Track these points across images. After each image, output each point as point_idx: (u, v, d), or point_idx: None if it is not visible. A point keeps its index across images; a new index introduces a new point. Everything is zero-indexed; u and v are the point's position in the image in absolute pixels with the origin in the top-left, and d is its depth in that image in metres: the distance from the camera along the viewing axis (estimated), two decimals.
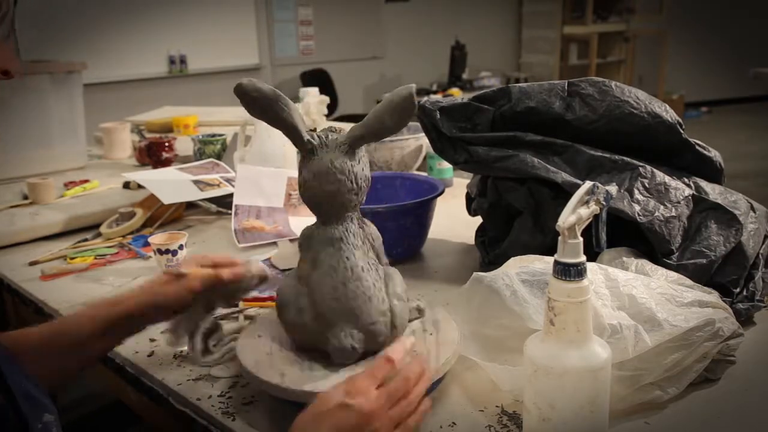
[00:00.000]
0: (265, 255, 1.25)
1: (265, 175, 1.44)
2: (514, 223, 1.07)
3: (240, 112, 2.54)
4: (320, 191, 0.75)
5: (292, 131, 0.75)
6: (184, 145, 1.96)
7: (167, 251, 1.17)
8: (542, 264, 0.84)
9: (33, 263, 1.27)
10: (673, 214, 0.92)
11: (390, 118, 0.74)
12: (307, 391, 0.70)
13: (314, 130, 0.77)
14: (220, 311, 0.95)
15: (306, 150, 0.76)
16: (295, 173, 1.21)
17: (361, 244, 0.78)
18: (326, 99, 2.22)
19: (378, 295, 0.76)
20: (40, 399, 0.63)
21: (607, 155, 0.98)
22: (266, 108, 0.73)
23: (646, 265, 0.87)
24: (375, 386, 0.64)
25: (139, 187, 1.57)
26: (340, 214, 0.77)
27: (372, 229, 0.82)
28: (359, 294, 0.74)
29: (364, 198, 0.79)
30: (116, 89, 4.91)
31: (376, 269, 0.78)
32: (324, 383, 0.71)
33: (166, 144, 1.88)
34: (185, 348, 0.90)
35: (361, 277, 0.75)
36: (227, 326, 0.95)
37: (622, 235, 0.93)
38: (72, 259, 1.27)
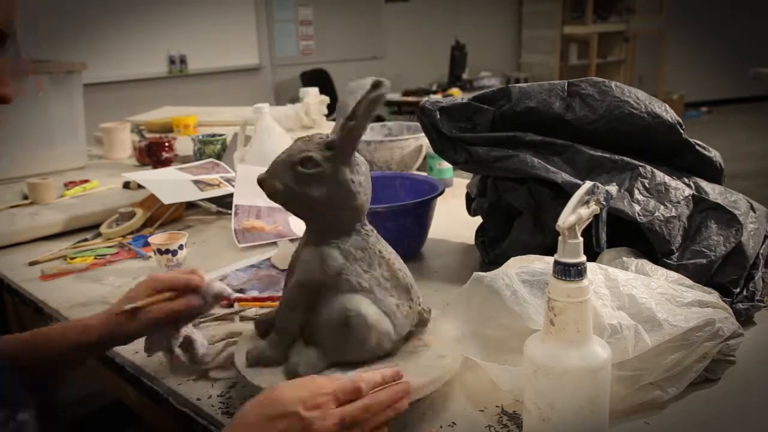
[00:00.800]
0: (265, 255, 1.25)
1: None
2: (514, 223, 1.07)
3: (240, 112, 2.55)
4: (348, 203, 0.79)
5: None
6: (184, 145, 1.96)
7: (167, 251, 1.17)
8: (542, 264, 0.84)
9: (33, 263, 1.27)
10: (673, 214, 0.92)
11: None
12: None
13: (309, 137, 0.77)
14: (213, 311, 0.96)
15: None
16: None
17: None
18: (326, 99, 2.22)
19: None
20: (16, 398, 0.62)
21: (607, 155, 0.98)
22: None
23: (646, 265, 0.87)
24: (335, 406, 0.62)
25: (139, 187, 1.57)
26: (361, 220, 0.82)
27: None
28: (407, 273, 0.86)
29: None
30: (116, 89, 4.92)
31: None
32: None
33: (166, 144, 1.88)
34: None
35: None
36: (222, 328, 0.95)
37: (622, 235, 0.93)
38: (72, 259, 1.27)
